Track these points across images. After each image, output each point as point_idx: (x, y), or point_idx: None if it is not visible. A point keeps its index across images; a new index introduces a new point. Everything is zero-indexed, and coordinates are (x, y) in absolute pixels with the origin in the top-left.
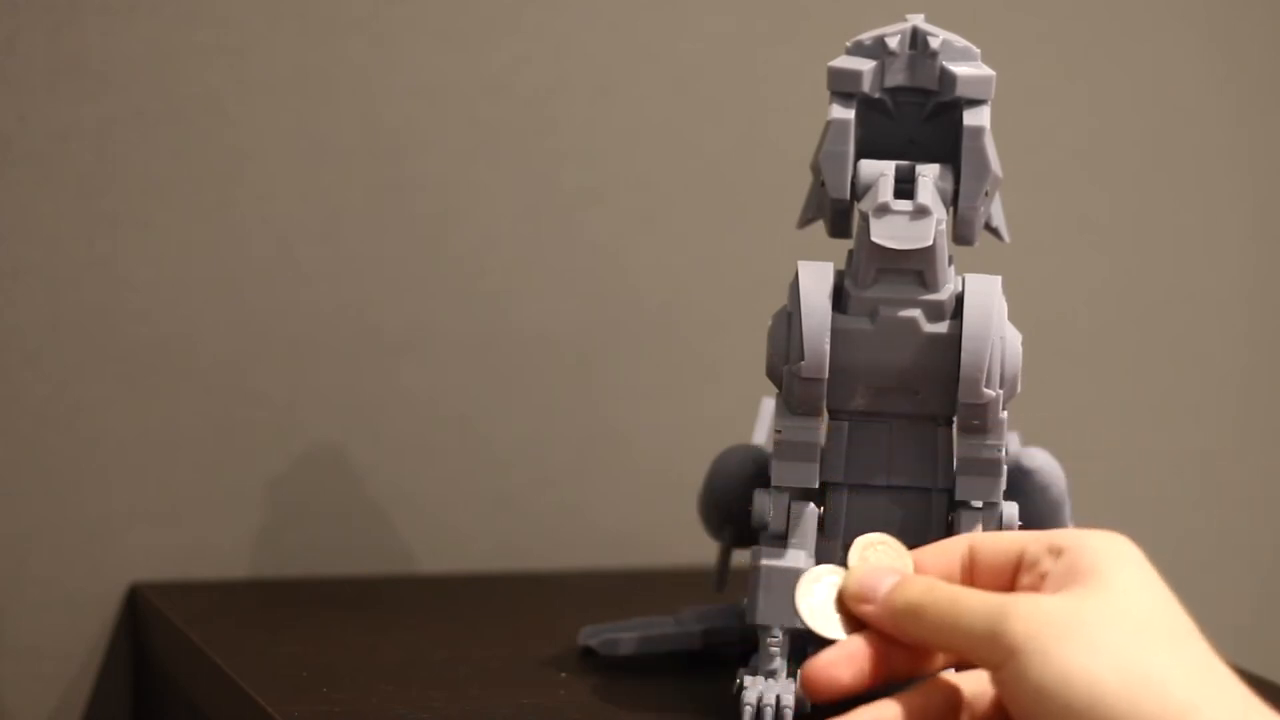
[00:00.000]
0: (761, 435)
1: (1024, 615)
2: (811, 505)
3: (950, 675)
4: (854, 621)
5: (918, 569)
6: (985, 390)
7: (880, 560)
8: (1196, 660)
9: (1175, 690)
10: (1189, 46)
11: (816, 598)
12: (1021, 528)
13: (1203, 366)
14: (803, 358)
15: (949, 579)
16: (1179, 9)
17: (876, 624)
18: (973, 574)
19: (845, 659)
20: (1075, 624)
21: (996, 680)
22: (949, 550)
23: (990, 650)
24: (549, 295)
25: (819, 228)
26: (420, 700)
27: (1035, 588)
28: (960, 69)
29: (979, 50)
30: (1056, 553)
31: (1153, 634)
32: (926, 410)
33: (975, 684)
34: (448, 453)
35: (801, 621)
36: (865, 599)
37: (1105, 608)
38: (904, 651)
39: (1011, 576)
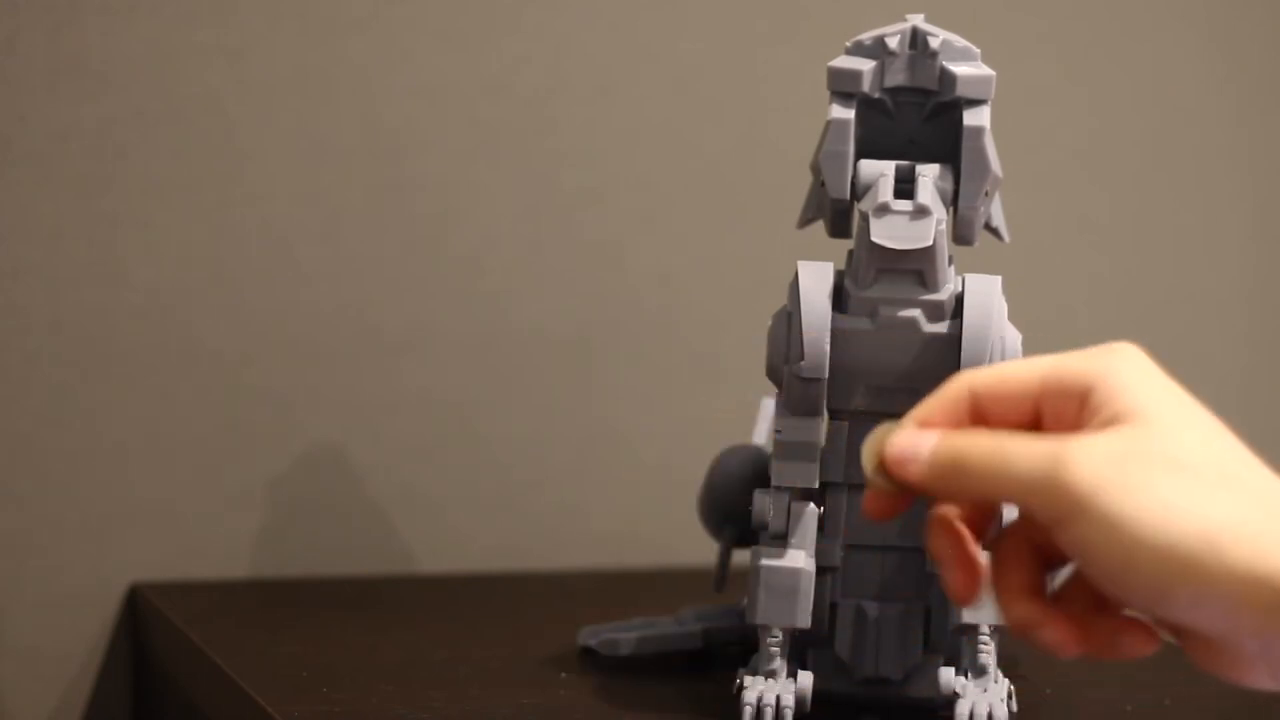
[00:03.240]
0: (761, 435)
1: (1082, 462)
2: (811, 505)
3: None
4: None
5: (924, 426)
6: None
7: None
8: (1257, 495)
9: (1244, 540)
10: (1189, 46)
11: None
12: None
13: (1203, 366)
14: (803, 358)
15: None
16: (1179, 9)
17: (922, 486)
18: (986, 423)
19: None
20: (1137, 474)
21: (1061, 537)
22: (950, 404)
23: (1052, 501)
24: (549, 295)
25: (819, 228)
26: (420, 700)
27: (1076, 428)
28: (960, 69)
29: (979, 50)
30: (1082, 396)
31: (1212, 478)
32: None
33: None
34: (448, 453)
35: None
36: (906, 460)
37: (1161, 454)
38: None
39: (1031, 420)
